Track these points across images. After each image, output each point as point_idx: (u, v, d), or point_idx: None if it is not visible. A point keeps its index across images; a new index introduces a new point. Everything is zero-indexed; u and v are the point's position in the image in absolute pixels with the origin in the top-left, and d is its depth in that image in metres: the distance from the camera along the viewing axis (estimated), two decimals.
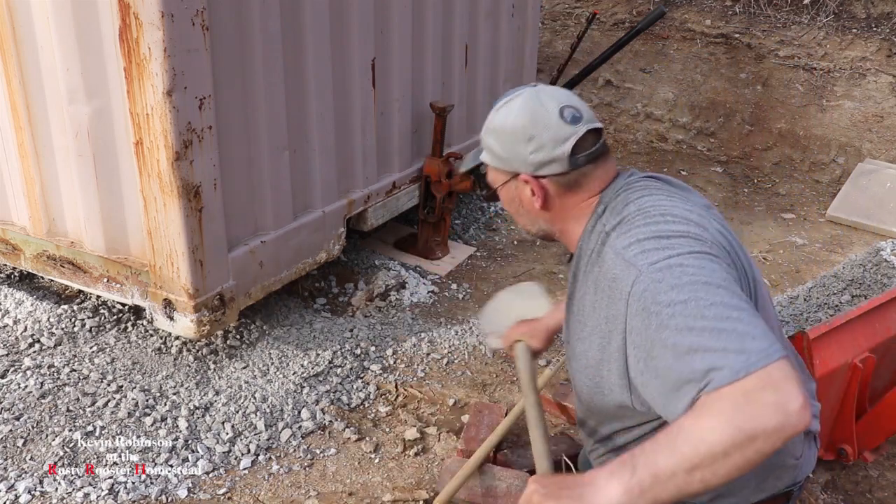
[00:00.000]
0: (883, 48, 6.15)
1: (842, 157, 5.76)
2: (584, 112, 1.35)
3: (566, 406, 2.72)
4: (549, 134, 1.32)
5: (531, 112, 1.34)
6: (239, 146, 2.70)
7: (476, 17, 4.35)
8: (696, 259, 1.14)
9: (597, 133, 1.35)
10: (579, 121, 1.33)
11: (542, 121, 1.33)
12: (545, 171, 1.34)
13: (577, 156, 1.33)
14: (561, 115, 1.32)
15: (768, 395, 0.98)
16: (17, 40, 2.59)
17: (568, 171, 1.34)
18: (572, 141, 1.31)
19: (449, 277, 3.94)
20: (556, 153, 1.32)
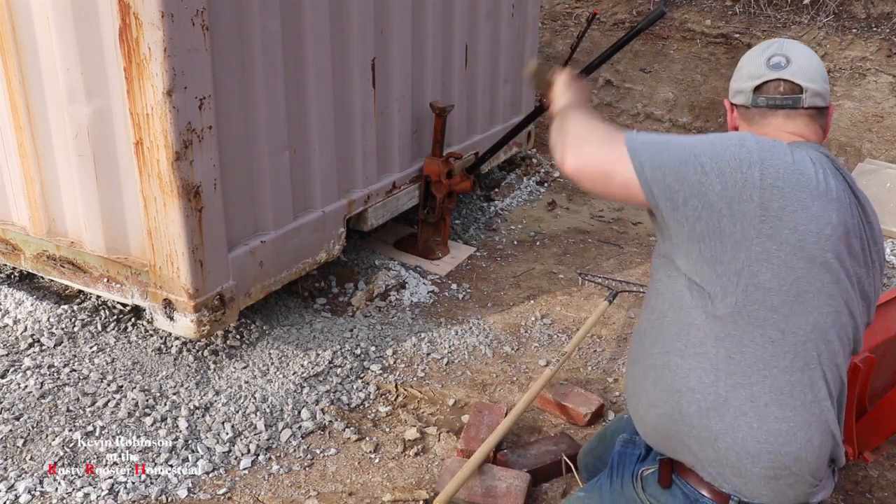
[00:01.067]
0: (883, 48, 6.15)
1: (842, 157, 5.76)
2: (792, 66, 1.41)
3: (566, 406, 2.72)
4: (748, 69, 1.46)
5: (754, 51, 1.49)
6: (239, 146, 2.70)
7: (476, 17, 4.35)
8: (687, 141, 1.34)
9: (797, 88, 1.41)
10: (779, 69, 1.42)
11: (752, 58, 1.47)
12: (735, 99, 1.49)
13: (759, 96, 1.43)
14: (767, 59, 1.43)
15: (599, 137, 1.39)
16: (17, 40, 2.59)
17: (749, 107, 1.45)
18: (758, 81, 1.43)
19: (449, 277, 3.94)
20: (744, 85, 1.46)
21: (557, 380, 2.89)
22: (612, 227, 4.88)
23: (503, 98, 4.95)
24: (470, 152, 4.47)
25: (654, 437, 1.46)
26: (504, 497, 2.23)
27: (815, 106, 1.42)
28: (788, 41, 1.48)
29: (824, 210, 1.26)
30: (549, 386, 2.75)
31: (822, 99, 1.43)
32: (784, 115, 1.43)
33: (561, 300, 3.72)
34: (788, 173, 1.26)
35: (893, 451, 2.61)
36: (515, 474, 2.31)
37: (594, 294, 3.79)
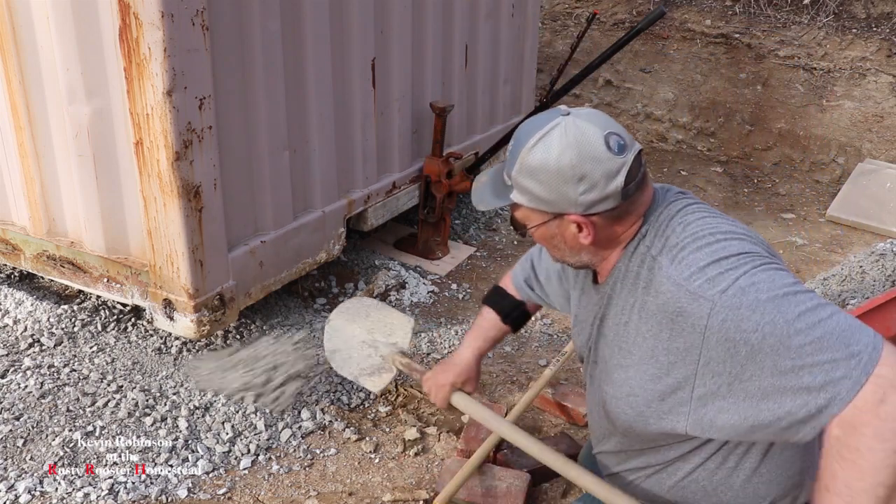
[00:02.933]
0: (883, 48, 6.15)
1: (842, 157, 5.76)
2: (625, 136, 1.25)
3: (566, 406, 2.72)
4: (600, 170, 1.21)
5: (576, 146, 1.21)
6: (239, 146, 2.70)
7: (476, 17, 4.35)
8: (763, 272, 1.13)
9: (639, 155, 1.27)
10: (625, 148, 1.23)
11: (591, 155, 1.21)
12: (596, 209, 1.24)
13: (629, 186, 1.23)
14: (608, 146, 1.21)
15: (893, 398, 0.99)
16: (17, 40, 2.59)
17: (620, 203, 1.25)
18: (623, 173, 1.22)
19: (449, 277, 3.94)
20: (608, 189, 1.22)
21: (557, 380, 2.89)
22: None
23: (503, 98, 4.94)
24: (470, 152, 4.47)
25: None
26: (504, 497, 2.23)
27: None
28: (575, 114, 1.26)
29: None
30: (548, 386, 2.75)
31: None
32: (644, 185, 1.29)
33: None
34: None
35: None
36: (515, 474, 2.31)
37: None
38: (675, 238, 1.24)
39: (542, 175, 1.24)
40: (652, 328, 1.23)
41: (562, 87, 3.74)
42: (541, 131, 1.24)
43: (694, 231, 1.23)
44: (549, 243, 1.37)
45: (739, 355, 1.10)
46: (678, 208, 1.30)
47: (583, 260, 1.36)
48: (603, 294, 1.36)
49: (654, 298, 1.22)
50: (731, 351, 1.11)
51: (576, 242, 1.31)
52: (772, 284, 1.11)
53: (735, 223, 1.27)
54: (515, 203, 1.32)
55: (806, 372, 1.04)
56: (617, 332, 1.32)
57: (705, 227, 1.24)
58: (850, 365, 1.02)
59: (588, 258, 1.36)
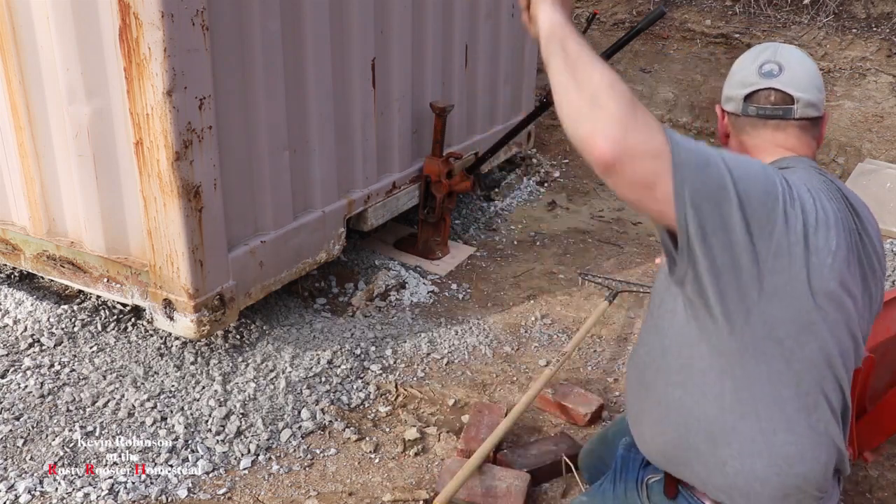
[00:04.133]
0: (883, 48, 6.15)
1: (842, 157, 5.76)
2: (785, 74, 1.38)
3: (566, 406, 2.72)
4: (740, 76, 1.44)
5: (746, 56, 1.46)
6: (239, 146, 2.70)
7: (476, 17, 4.35)
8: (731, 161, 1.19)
9: (788, 98, 1.38)
10: (771, 77, 1.39)
11: (744, 64, 1.44)
12: (727, 106, 1.46)
13: (749, 104, 1.41)
14: (760, 66, 1.41)
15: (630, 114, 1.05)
16: (17, 40, 2.59)
17: (739, 115, 1.43)
18: (751, 88, 1.40)
19: (449, 277, 3.94)
20: (736, 93, 1.43)
21: (557, 380, 2.89)
22: (612, 227, 4.88)
23: (503, 98, 4.94)
24: (470, 152, 4.47)
25: (659, 460, 1.46)
26: (504, 497, 2.23)
27: (806, 117, 1.39)
28: (783, 46, 1.45)
29: (826, 240, 1.22)
30: (549, 386, 2.75)
31: (816, 109, 1.40)
32: (774, 126, 1.41)
33: (561, 300, 3.72)
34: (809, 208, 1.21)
35: (893, 451, 2.61)
36: (515, 474, 2.31)
37: (594, 294, 3.79)
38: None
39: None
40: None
41: None
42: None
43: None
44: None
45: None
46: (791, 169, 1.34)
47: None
48: None
49: None
50: None
51: (720, 132, 1.52)
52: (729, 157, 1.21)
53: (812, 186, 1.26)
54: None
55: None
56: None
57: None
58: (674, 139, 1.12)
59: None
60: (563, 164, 5.94)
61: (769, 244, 1.17)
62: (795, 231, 1.19)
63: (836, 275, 1.24)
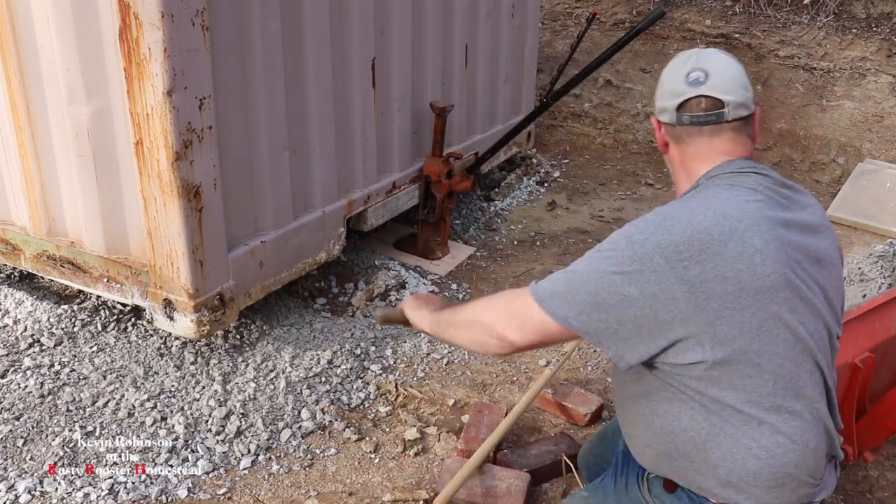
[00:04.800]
0: (883, 48, 6.15)
1: (842, 157, 5.76)
2: (711, 80, 1.40)
3: (566, 406, 2.72)
4: (669, 87, 1.45)
5: (674, 65, 1.47)
6: (239, 146, 2.70)
7: (476, 17, 4.35)
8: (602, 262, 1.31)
9: (718, 103, 1.39)
10: (699, 85, 1.40)
11: (671, 74, 1.46)
12: (661, 116, 1.48)
13: (682, 114, 1.42)
14: (687, 75, 1.42)
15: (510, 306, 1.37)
16: (17, 40, 2.59)
17: (674, 124, 1.45)
18: (680, 98, 1.42)
19: (449, 277, 3.94)
20: (667, 104, 1.45)
21: (557, 380, 2.89)
22: (611, 227, 4.88)
23: (503, 98, 4.94)
24: (470, 152, 4.46)
25: (654, 469, 1.48)
26: (504, 497, 2.23)
27: (738, 118, 1.41)
28: (706, 52, 1.47)
29: (743, 243, 1.27)
30: (549, 386, 2.75)
31: (746, 108, 1.42)
32: (709, 132, 1.42)
33: None
34: (688, 239, 1.26)
35: (893, 451, 2.61)
36: (515, 474, 2.31)
37: None
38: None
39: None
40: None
41: (562, 87, 3.74)
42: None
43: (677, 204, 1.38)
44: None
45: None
46: (717, 182, 1.39)
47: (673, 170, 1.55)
48: None
49: None
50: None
51: (659, 143, 1.54)
52: (599, 248, 1.34)
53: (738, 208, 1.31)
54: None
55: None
56: None
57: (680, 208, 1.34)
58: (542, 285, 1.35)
59: (672, 171, 1.55)
60: (563, 164, 5.94)
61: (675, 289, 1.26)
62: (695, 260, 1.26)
63: (772, 267, 1.27)
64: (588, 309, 1.28)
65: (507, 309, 1.36)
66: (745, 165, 1.41)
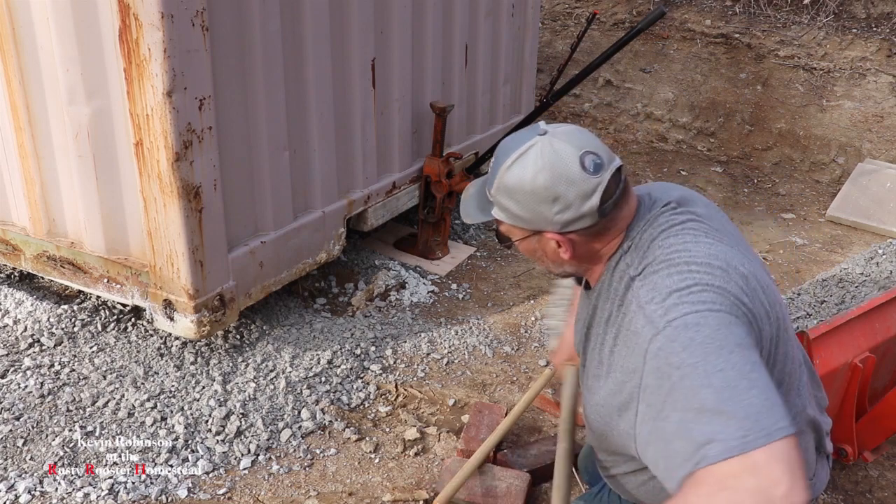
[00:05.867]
0: (883, 48, 6.15)
1: (842, 157, 5.76)
2: (602, 154, 1.24)
3: None
4: (575, 191, 1.21)
5: (550, 168, 1.21)
6: (239, 146, 2.70)
7: (476, 17, 4.35)
8: (714, 318, 1.12)
9: (618, 172, 1.25)
10: (601, 168, 1.22)
11: (565, 176, 1.21)
12: (572, 227, 1.25)
13: (605, 205, 1.23)
14: (583, 166, 1.21)
15: (748, 481, 0.98)
16: (17, 40, 2.59)
17: (596, 223, 1.25)
18: (599, 192, 1.22)
19: (449, 277, 3.94)
20: (583, 209, 1.22)
21: (557, 380, 2.88)
22: None
23: (503, 98, 4.94)
24: (470, 152, 4.47)
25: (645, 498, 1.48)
26: (504, 497, 2.23)
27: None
28: (556, 131, 1.26)
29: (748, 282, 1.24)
30: (548, 386, 2.75)
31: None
32: (624, 201, 1.28)
33: None
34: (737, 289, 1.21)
35: (893, 451, 2.61)
36: (515, 474, 2.31)
37: None
38: (652, 261, 1.24)
39: (518, 195, 1.25)
40: (617, 344, 1.25)
41: (562, 87, 3.75)
42: (517, 151, 1.25)
43: (670, 256, 1.23)
44: (533, 255, 1.38)
45: (663, 389, 1.11)
46: (662, 229, 1.28)
47: (567, 271, 1.39)
48: (590, 302, 1.39)
49: (622, 316, 1.24)
50: (659, 381, 1.12)
51: (557, 257, 1.33)
52: (716, 332, 1.10)
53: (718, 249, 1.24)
54: (498, 220, 1.35)
55: (699, 426, 1.04)
56: (596, 342, 1.34)
57: (683, 253, 1.22)
58: (736, 434, 1.01)
59: (572, 270, 1.38)
60: None
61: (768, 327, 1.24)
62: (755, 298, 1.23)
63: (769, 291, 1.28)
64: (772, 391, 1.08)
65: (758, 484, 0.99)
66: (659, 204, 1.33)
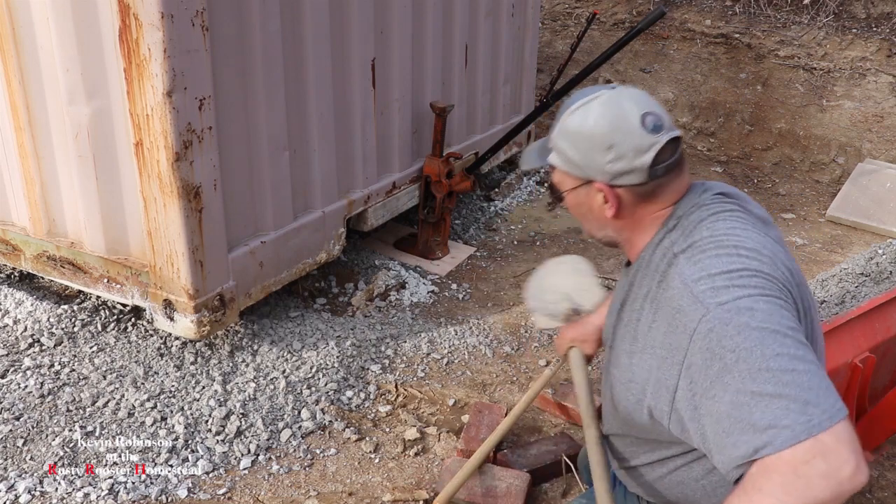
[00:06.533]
0: (883, 48, 6.15)
1: (842, 157, 5.76)
2: (664, 119, 1.27)
3: (566, 406, 2.72)
4: (630, 143, 1.24)
5: (612, 118, 1.25)
6: (239, 146, 2.70)
7: (476, 17, 4.36)
8: (766, 303, 1.12)
9: (675, 142, 1.28)
10: (661, 129, 1.25)
11: (624, 128, 1.24)
12: (622, 181, 1.27)
13: (657, 166, 1.25)
14: (642, 123, 1.25)
15: (819, 465, 0.99)
16: (17, 41, 2.59)
17: (645, 182, 1.27)
18: (653, 151, 1.24)
19: (449, 277, 3.94)
20: (635, 163, 1.25)
21: (557, 380, 2.89)
22: None
23: (503, 98, 4.95)
24: (470, 152, 4.47)
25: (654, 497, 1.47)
26: (504, 497, 2.23)
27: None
28: (627, 91, 1.30)
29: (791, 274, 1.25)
30: (548, 386, 2.75)
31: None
32: (677, 174, 1.30)
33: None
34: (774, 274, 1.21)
35: (893, 451, 2.61)
36: (515, 474, 2.31)
37: None
38: (700, 239, 1.24)
39: (576, 139, 1.29)
40: (656, 320, 1.25)
41: (562, 87, 3.75)
42: (584, 99, 1.30)
43: (719, 238, 1.23)
44: (578, 212, 1.39)
45: (712, 370, 1.11)
46: (711, 212, 1.29)
47: (609, 235, 1.39)
48: (628, 279, 1.38)
49: (664, 292, 1.24)
50: (707, 362, 1.12)
51: (601, 214, 1.33)
52: (769, 317, 1.10)
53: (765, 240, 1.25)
54: (553, 166, 1.37)
55: (758, 409, 1.04)
56: (630, 318, 1.34)
57: (731, 236, 1.23)
58: (800, 419, 1.01)
59: (614, 234, 1.38)
60: None
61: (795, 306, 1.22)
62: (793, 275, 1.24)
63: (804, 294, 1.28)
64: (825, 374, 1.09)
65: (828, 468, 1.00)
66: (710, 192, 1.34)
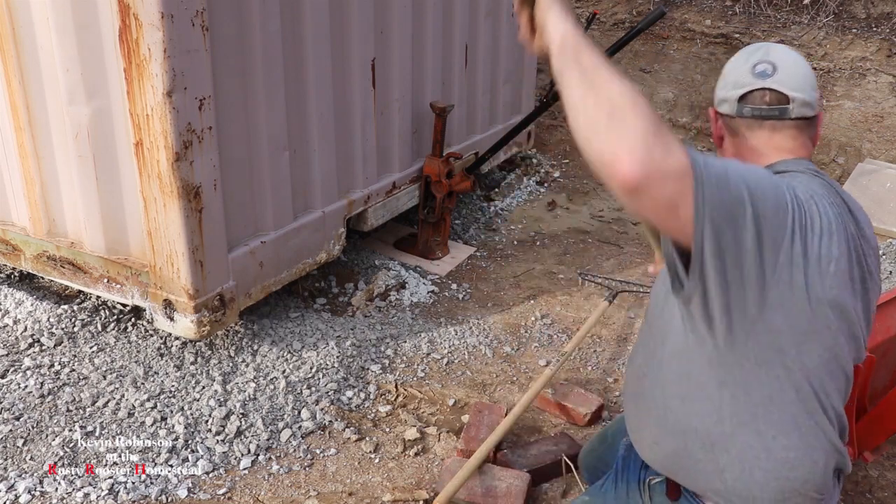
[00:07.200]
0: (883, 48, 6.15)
1: (842, 157, 5.76)
2: (779, 74, 1.37)
3: (566, 406, 2.72)
4: (734, 76, 1.41)
5: (740, 56, 1.44)
6: (239, 146, 2.70)
7: (476, 17, 4.35)
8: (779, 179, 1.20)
9: (783, 98, 1.36)
10: (765, 77, 1.37)
11: (737, 64, 1.42)
12: (721, 108, 1.44)
13: (744, 105, 1.39)
14: (753, 66, 1.39)
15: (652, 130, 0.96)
16: (17, 41, 2.59)
17: (734, 116, 1.41)
18: (744, 90, 1.38)
19: (449, 277, 3.94)
20: (729, 94, 1.41)
21: (557, 380, 2.89)
22: (612, 226, 4.88)
23: (503, 98, 4.95)
24: (470, 152, 4.47)
25: (659, 467, 1.46)
26: (504, 497, 2.23)
27: (802, 116, 1.37)
28: (776, 46, 1.43)
29: (829, 248, 1.21)
30: (548, 386, 2.75)
31: (811, 108, 1.39)
32: (770, 127, 1.38)
33: (561, 300, 3.72)
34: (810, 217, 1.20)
35: (893, 451, 2.61)
36: (515, 474, 2.31)
37: (594, 294, 3.79)
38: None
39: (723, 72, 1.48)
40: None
41: None
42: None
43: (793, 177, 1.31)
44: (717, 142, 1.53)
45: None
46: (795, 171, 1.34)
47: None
48: None
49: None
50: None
51: (716, 141, 1.50)
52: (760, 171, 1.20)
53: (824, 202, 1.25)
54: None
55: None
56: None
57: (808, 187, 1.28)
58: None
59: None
60: (563, 164, 5.94)
61: (776, 257, 1.15)
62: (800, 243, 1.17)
63: (838, 281, 1.23)
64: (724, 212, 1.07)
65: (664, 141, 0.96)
66: (811, 166, 1.36)
